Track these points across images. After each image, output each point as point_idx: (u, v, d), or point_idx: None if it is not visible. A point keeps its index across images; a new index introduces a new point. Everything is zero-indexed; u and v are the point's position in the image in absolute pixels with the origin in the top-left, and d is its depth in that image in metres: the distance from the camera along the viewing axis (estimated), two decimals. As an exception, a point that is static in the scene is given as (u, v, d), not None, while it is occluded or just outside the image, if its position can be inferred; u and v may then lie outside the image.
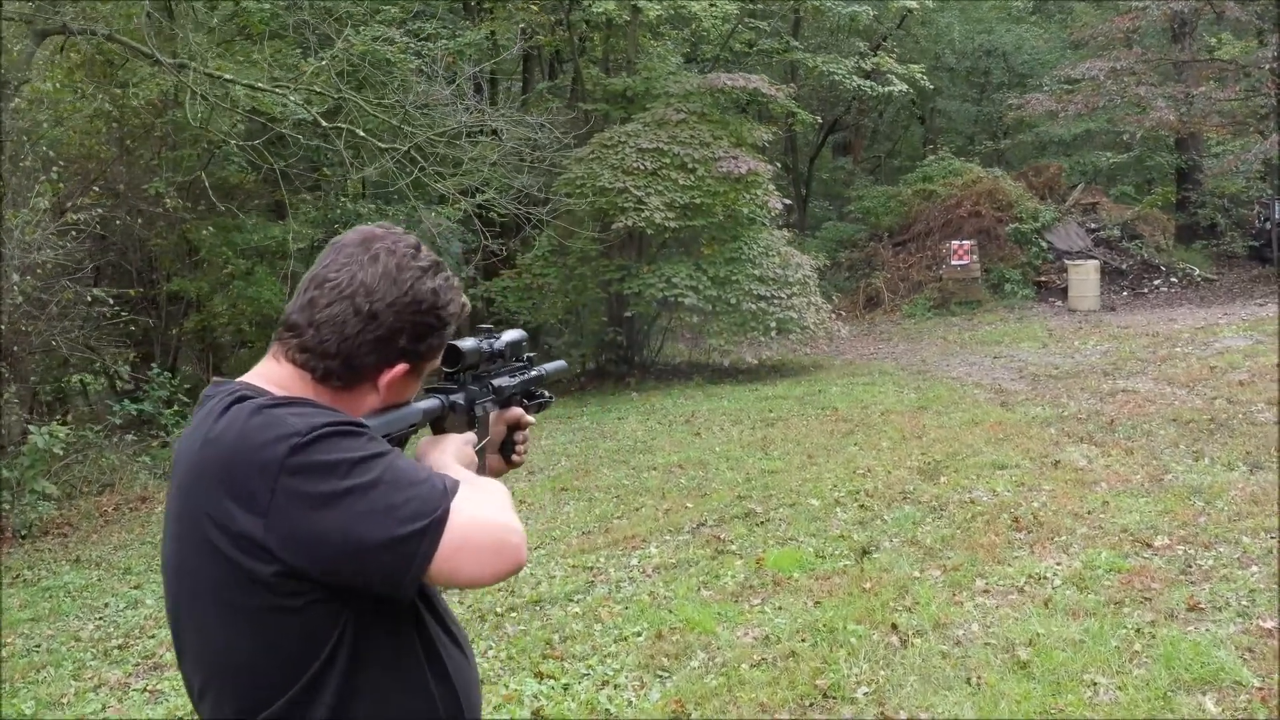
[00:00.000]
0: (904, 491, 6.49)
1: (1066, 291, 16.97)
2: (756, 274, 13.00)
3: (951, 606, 4.49)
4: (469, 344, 1.50)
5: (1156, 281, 17.74)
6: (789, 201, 16.42)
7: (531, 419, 1.70)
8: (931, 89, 19.63)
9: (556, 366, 1.80)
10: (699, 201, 12.49)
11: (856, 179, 23.75)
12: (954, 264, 17.78)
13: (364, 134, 10.27)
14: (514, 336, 1.63)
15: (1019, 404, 9.23)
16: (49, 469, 8.40)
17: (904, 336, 15.89)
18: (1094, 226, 18.92)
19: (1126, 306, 16.50)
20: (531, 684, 4.10)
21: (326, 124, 10.03)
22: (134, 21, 9.08)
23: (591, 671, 4.18)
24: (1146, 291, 17.48)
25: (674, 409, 11.11)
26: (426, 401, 1.46)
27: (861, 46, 19.27)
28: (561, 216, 12.89)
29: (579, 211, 12.78)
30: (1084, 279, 16.55)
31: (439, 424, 1.48)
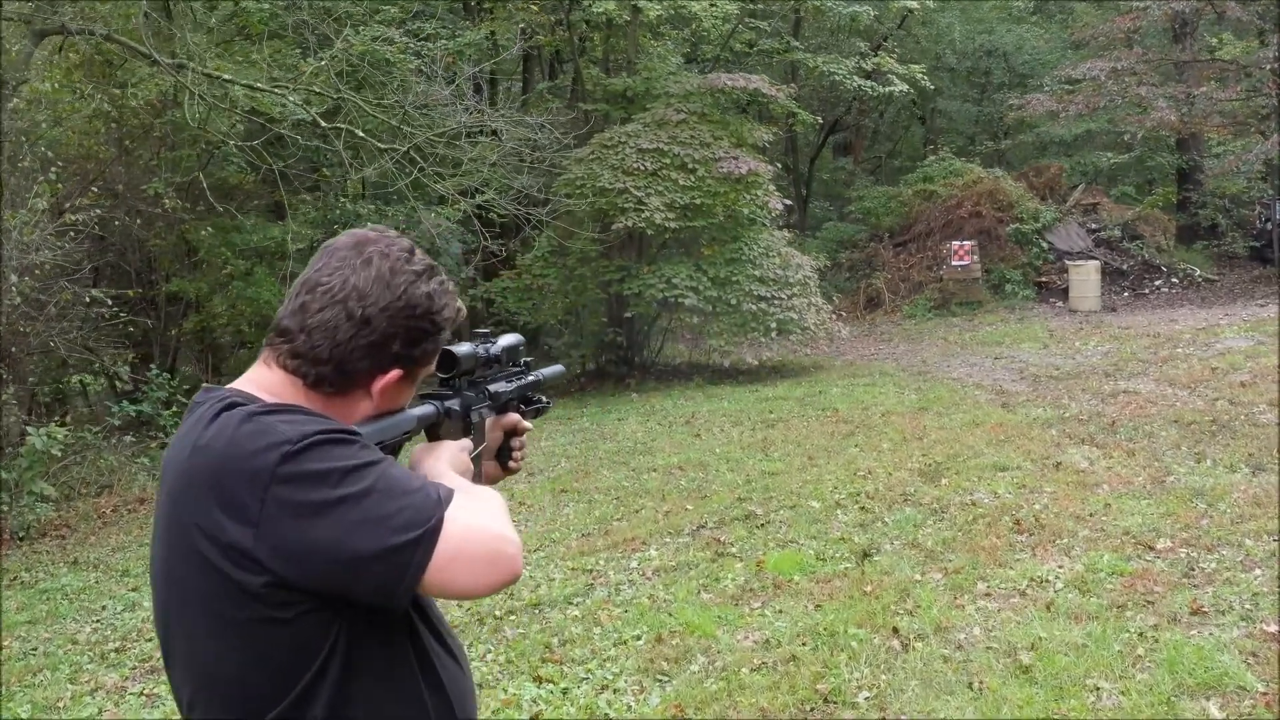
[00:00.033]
0: (905, 493, 6.47)
1: (1067, 292, 16.94)
2: (757, 275, 12.98)
3: (953, 610, 4.46)
4: (464, 349, 1.48)
5: (1157, 282, 17.71)
6: (789, 202, 16.40)
7: (528, 425, 1.67)
8: (932, 89, 19.61)
9: (554, 371, 1.77)
10: (699, 202, 12.47)
11: (857, 179, 23.72)
12: (954, 264, 17.75)
13: (363, 134, 10.24)
14: (510, 341, 1.60)
15: (1020, 405, 9.20)
16: (47, 470, 8.37)
17: (904, 337, 15.86)
18: (1095, 227, 18.89)
19: (1127, 307, 16.48)
20: (530, 688, 4.07)
21: (325, 124, 10.01)
22: (132, 21, 9.05)
23: (591, 675, 4.15)
24: (1147, 292, 17.46)
25: (674, 410, 11.08)
26: (421, 408, 1.43)
27: (862, 47, 19.25)
28: (561, 217, 12.86)
29: (579, 212, 12.75)
30: (1085, 279, 16.53)
31: (434, 431, 1.45)
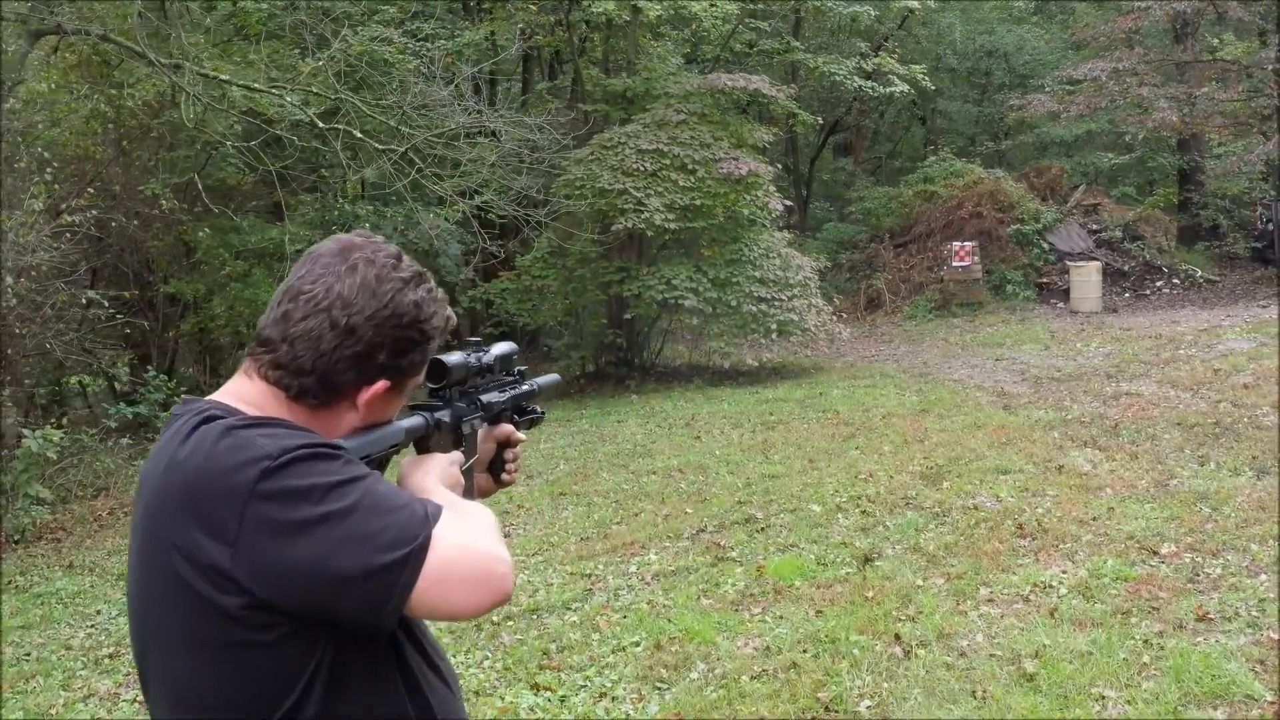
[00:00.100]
0: (906, 497, 6.42)
1: (1068, 293, 16.89)
2: (757, 276, 12.93)
3: (955, 616, 4.41)
4: (455, 358, 1.42)
5: (1159, 283, 17.67)
6: (789, 203, 16.35)
7: (523, 436, 1.62)
8: (933, 90, 19.56)
9: (549, 380, 1.72)
10: (699, 203, 12.41)
11: (857, 180, 23.67)
12: (955, 265, 17.70)
13: (361, 135, 10.19)
14: (504, 350, 1.55)
15: (1021, 407, 9.15)
16: (43, 473, 8.31)
17: (905, 338, 15.81)
18: (1096, 228, 18.84)
19: (1128, 308, 16.43)
20: (528, 696, 4.02)
21: (323, 125, 9.96)
22: (128, 21, 9.00)
23: (589, 683, 4.10)
24: (1148, 293, 17.41)
25: (674, 412, 11.03)
26: (410, 420, 1.38)
27: (862, 47, 19.20)
28: (561, 218, 12.80)
29: (578, 213, 12.70)
30: (1086, 280, 16.48)
31: (423, 443, 1.40)
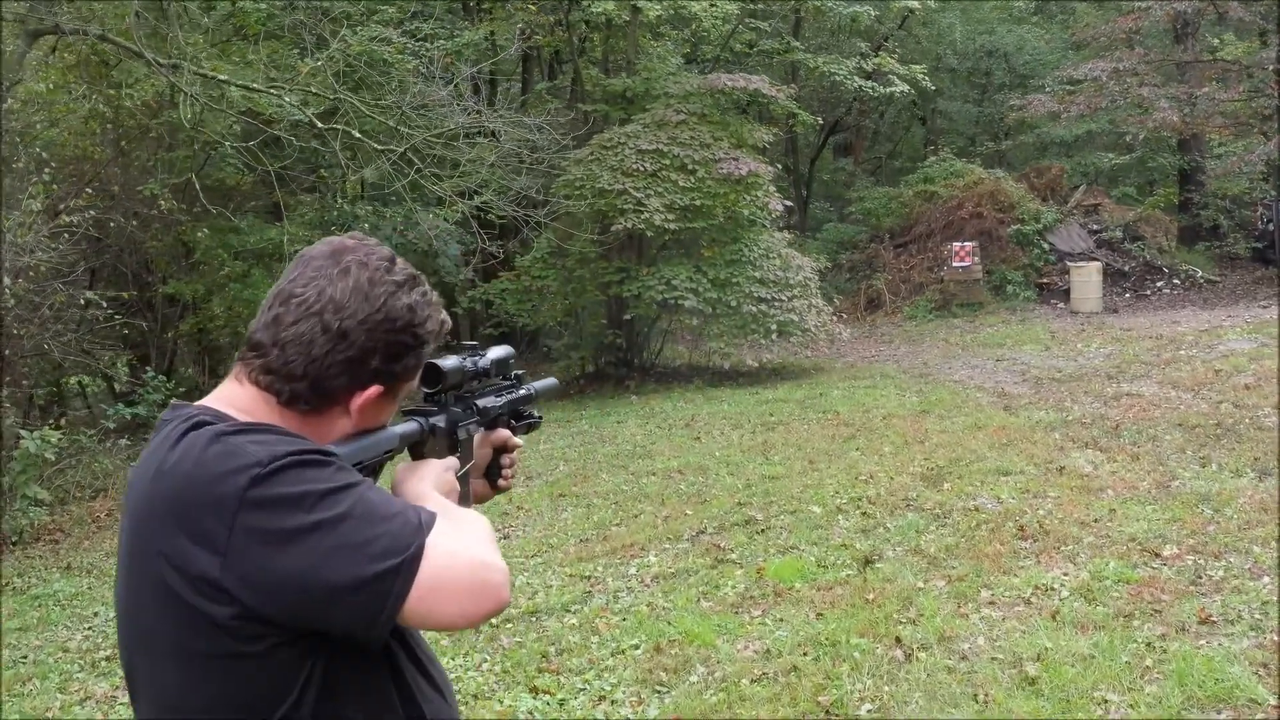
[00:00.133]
0: (907, 498, 6.39)
1: (1069, 293, 16.87)
2: (757, 276, 12.90)
3: (957, 619, 4.39)
4: (450, 363, 1.40)
5: (1159, 283, 17.64)
6: (790, 203, 16.32)
7: (519, 441, 1.60)
8: (933, 90, 19.54)
9: (546, 384, 1.70)
10: (699, 203, 12.39)
11: (857, 180, 23.64)
12: (955, 265, 17.67)
13: (360, 135, 10.16)
14: (500, 354, 1.53)
15: (1022, 408, 9.12)
16: (41, 474, 8.29)
17: (905, 339, 15.78)
18: (1096, 228, 18.81)
19: (1129, 308, 16.40)
20: (526, 699, 4.00)
21: (322, 125, 9.93)
22: (125, 21, 8.98)
23: (588, 686, 4.08)
24: (1149, 293, 17.38)
25: (674, 412, 11.00)
26: (404, 425, 1.36)
27: (863, 47, 19.17)
28: (560, 218, 12.77)
29: (578, 213, 12.67)
30: (1086, 281, 16.45)
31: (418, 449, 1.38)
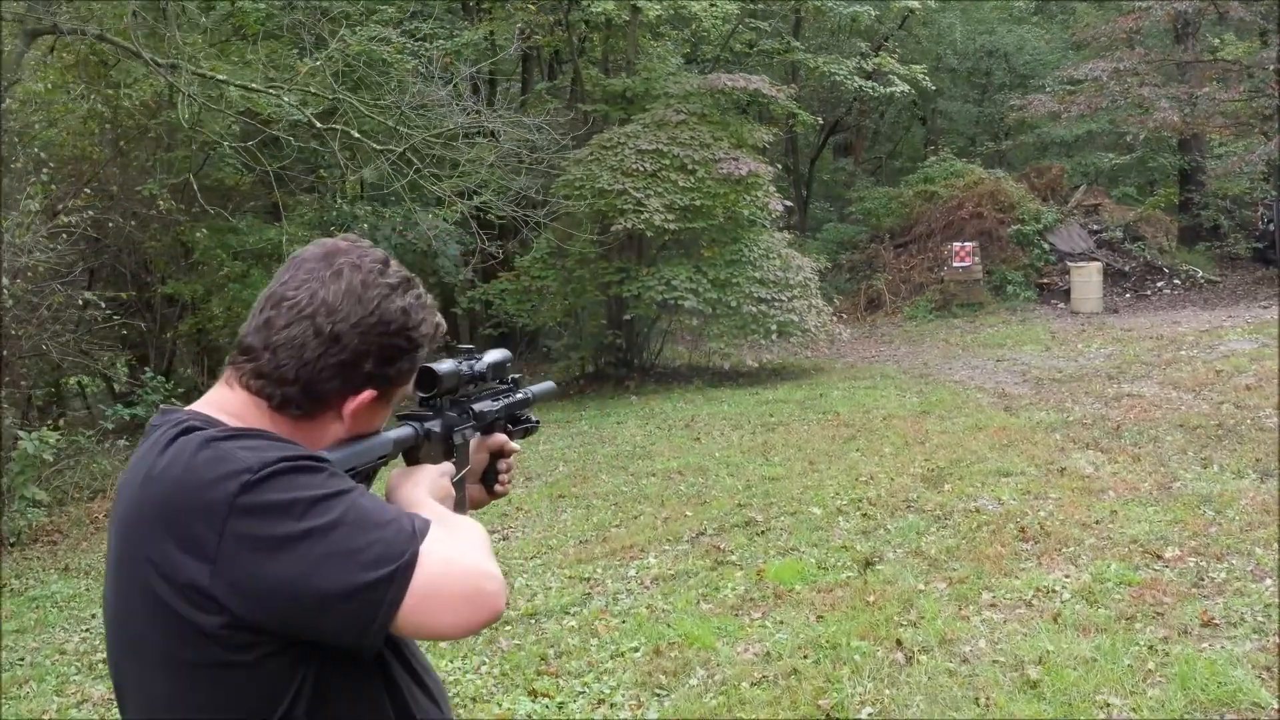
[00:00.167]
0: (907, 500, 6.37)
1: (1069, 293, 16.85)
2: (757, 276, 12.88)
3: (958, 621, 4.36)
4: (446, 366, 1.38)
5: (1159, 283, 17.62)
6: (790, 203, 16.30)
7: (516, 446, 1.58)
8: (933, 90, 19.51)
9: (544, 388, 1.68)
10: (699, 203, 12.37)
11: (857, 180, 23.62)
12: (955, 266, 17.65)
13: (359, 135, 10.14)
14: (497, 357, 1.51)
15: (1023, 408, 9.10)
16: (39, 475, 8.26)
17: (905, 339, 15.76)
18: (1096, 228, 18.79)
19: (1129, 309, 16.38)
20: (525, 703, 3.98)
21: (321, 125, 9.91)
22: (123, 21, 8.95)
23: (587, 689, 4.06)
24: (1149, 293, 17.36)
25: (673, 413, 10.98)
26: (398, 430, 1.33)
27: (863, 47, 19.15)
28: (560, 218, 12.75)
29: (578, 213, 12.65)
30: (1086, 281, 16.43)
31: (413, 454, 1.35)
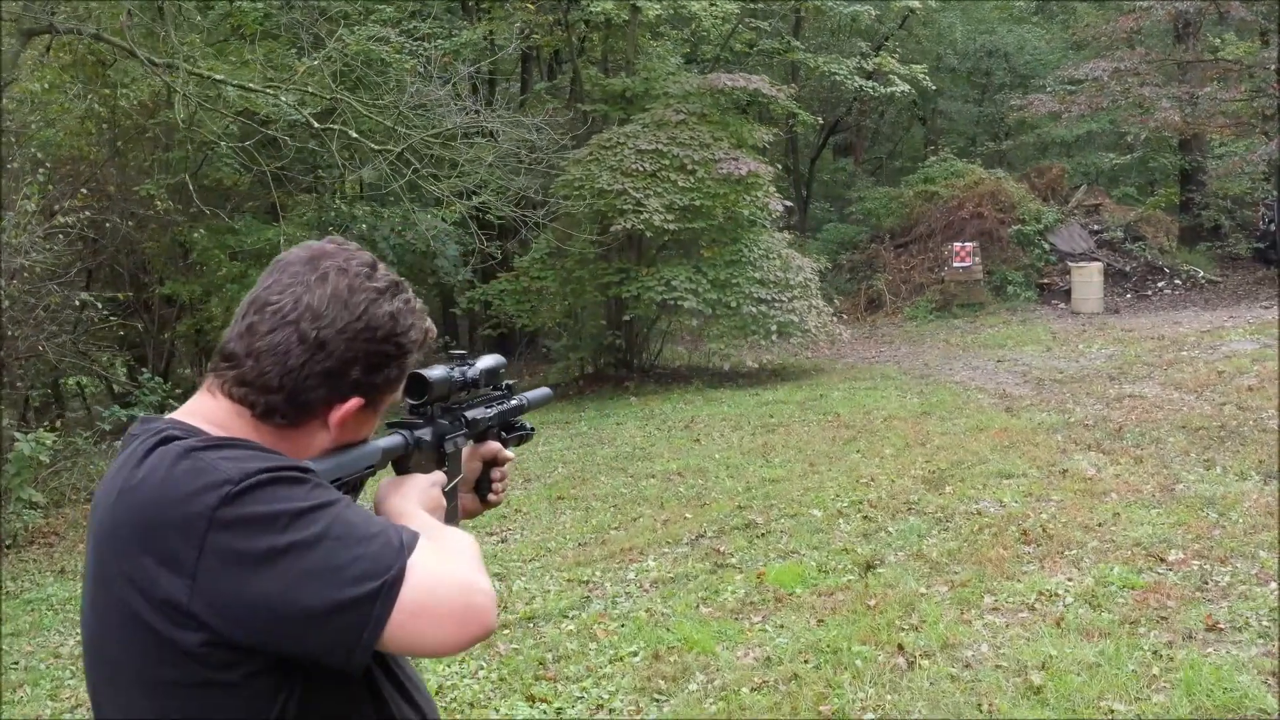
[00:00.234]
0: (908, 502, 6.33)
1: (1070, 294, 16.81)
2: (757, 277, 12.84)
3: (960, 625, 4.32)
4: (437, 373, 1.33)
5: (1160, 284, 17.57)
6: (790, 203, 16.27)
7: (510, 454, 1.54)
8: (933, 90, 19.48)
9: (539, 394, 1.64)
10: (699, 203, 12.33)
11: (858, 180, 23.57)
12: (956, 266, 17.61)
13: (357, 135, 10.10)
14: (490, 363, 1.47)
15: (1024, 410, 9.06)
16: (35, 476, 8.23)
17: (906, 339, 15.72)
18: (1097, 228, 18.75)
19: (1130, 309, 16.34)
20: (523, 708, 3.94)
21: (319, 125, 9.87)
22: (119, 20, 8.92)
23: (586, 694, 4.02)
24: (1150, 294, 17.32)
25: (673, 414, 10.94)
26: (387, 439, 1.29)
27: (863, 47, 19.12)
28: (559, 219, 12.72)
29: (577, 214, 12.62)
30: (1087, 281, 16.39)
31: (403, 463, 1.31)
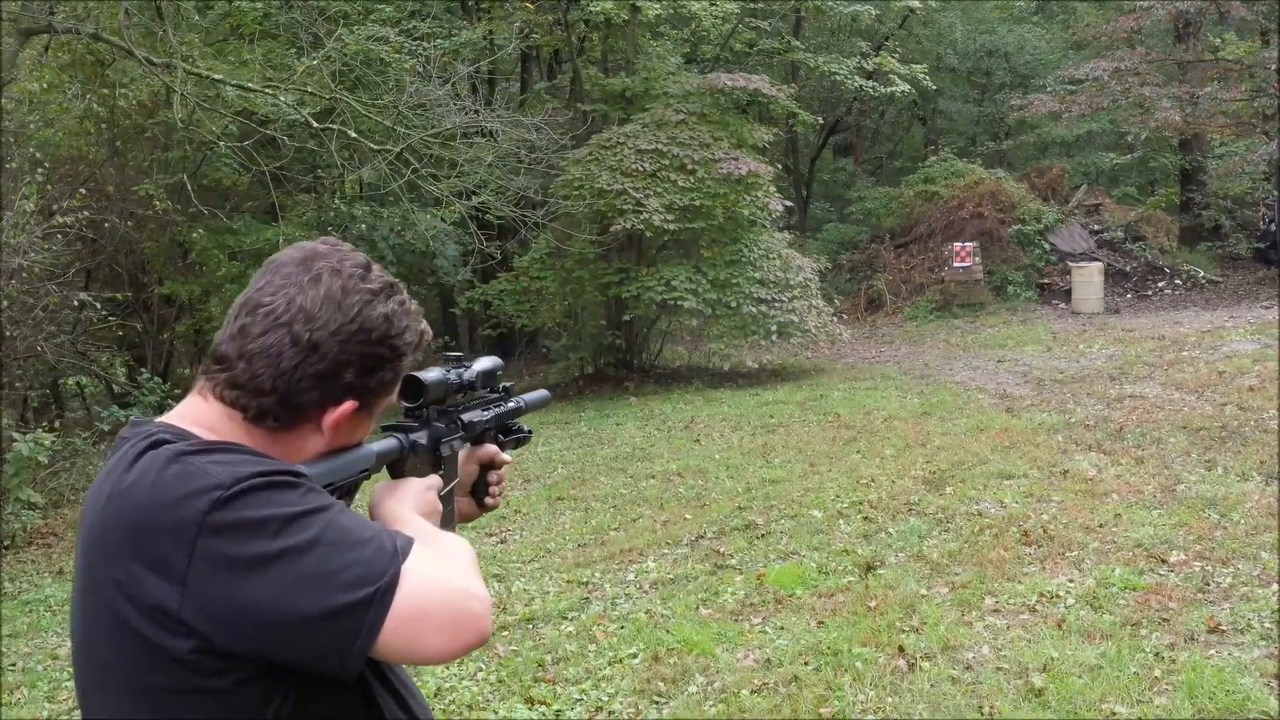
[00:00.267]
0: (909, 502, 6.31)
1: (1070, 294, 16.79)
2: (757, 277, 12.82)
3: (960, 627, 4.31)
4: (433, 375, 1.32)
5: (1161, 284, 17.56)
6: (790, 203, 16.24)
7: (507, 457, 1.52)
8: (933, 89, 19.46)
9: (537, 397, 1.62)
10: (699, 203, 12.31)
11: (858, 180, 23.56)
12: (956, 266, 17.59)
13: (356, 135, 10.08)
14: (487, 365, 1.45)
15: (1024, 410, 9.04)
16: (34, 477, 8.21)
17: (906, 339, 15.70)
18: (1097, 228, 18.73)
19: (1131, 309, 16.32)
20: (522, 710, 3.92)
21: (318, 125, 9.85)
22: (117, 20, 8.90)
23: (585, 697, 4.00)
24: (1151, 294, 17.30)
25: (673, 414, 10.92)
26: (382, 442, 1.27)
27: (863, 46, 19.11)
28: (559, 219, 12.71)
29: (577, 214, 12.60)
30: (1087, 281, 16.37)
31: (398, 467, 1.29)
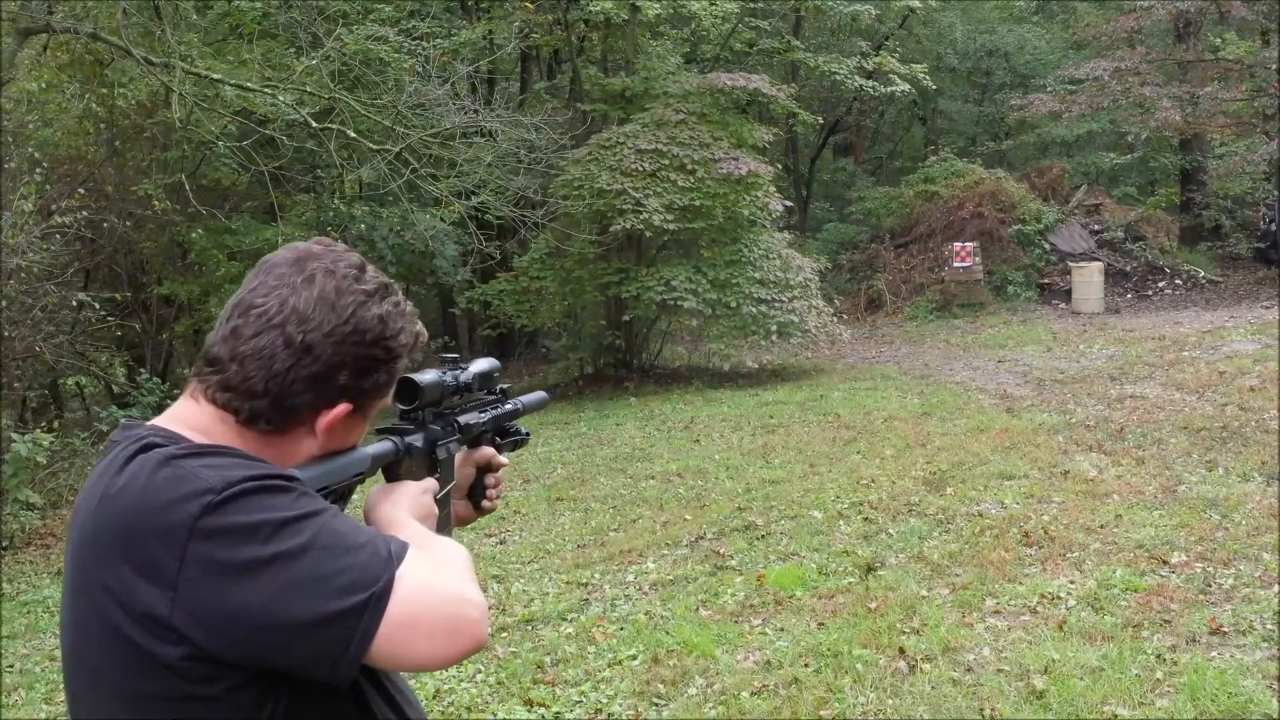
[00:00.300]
0: (909, 503, 6.30)
1: (1070, 294, 16.78)
2: (757, 277, 12.81)
3: (961, 629, 4.29)
4: (428, 377, 1.30)
5: (1161, 284, 17.54)
6: (790, 203, 16.23)
7: (504, 459, 1.51)
8: (933, 89, 19.44)
9: (535, 399, 1.60)
10: (698, 203, 12.30)
11: (858, 180, 23.54)
12: (956, 266, 17.58)
13: (355, 135, 10.07)
14: (484, 367, 1.43)
15: (1025, 410, 9.03)
16: (33, 477, 8.19)
17: (906, 339, 15.69)
18: (1097, 228, 18.72)
19: (1131, 309, 16.30)
20: (521, 712, 3.90)
21: (317, 125, 9.83)
22: (116, 20, 8.88)
23: (584, 699, 3.98)
24: (1151, 294, 17.28)
25: (673, 414, 10.91)
26: (377, 445, 1.25)
27: (863, 46, 19.10)
28: (559, 219, 12.69)
29: (576, 214, 12.59)
30: (1088, 281, 16.35)
31: (393, 470, 1.27)
